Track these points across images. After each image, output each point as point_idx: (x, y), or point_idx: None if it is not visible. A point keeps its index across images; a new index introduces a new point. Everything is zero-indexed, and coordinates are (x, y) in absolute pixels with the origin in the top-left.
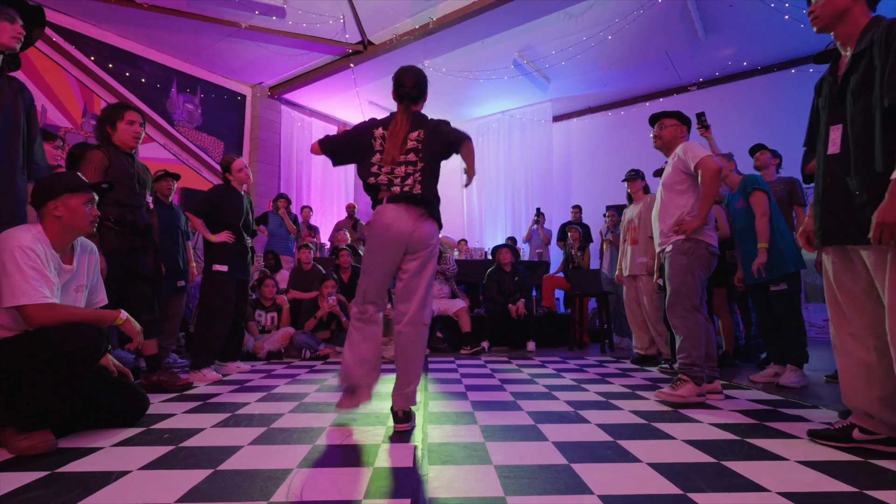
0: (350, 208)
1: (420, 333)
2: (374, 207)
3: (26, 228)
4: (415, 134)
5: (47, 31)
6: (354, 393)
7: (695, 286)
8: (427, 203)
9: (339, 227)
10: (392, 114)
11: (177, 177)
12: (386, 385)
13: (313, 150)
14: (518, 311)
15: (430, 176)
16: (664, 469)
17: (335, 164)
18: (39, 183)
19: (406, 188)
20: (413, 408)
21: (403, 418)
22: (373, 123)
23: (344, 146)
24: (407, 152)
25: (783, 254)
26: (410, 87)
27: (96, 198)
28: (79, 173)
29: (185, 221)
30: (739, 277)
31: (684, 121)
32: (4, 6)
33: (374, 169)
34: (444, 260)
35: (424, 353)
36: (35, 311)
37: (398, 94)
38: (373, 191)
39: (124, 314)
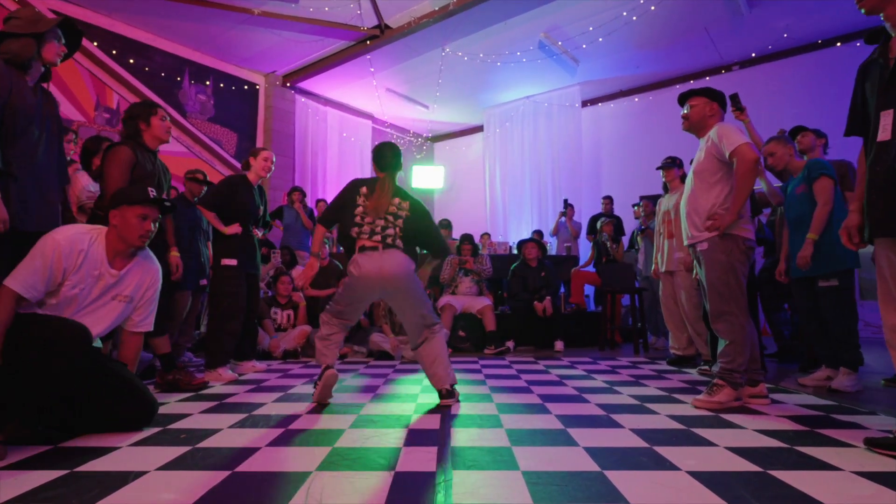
0: None
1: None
2: (348, 256)
3: (90, 228)
4: (396, 200)
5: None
6: None
7: (738, 286)
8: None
9: None
10: (375, 178)
11: (209, 184)
12: (403, 386)
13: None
14: (545, 308)
15: (408, 240)
16: (705, 478)
17: (330, 227)
18: (114, 191)
19: (388, 239)
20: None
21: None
22: (357, 182)
23: (336, 208)
24: (388, 213)
25: (837, 247)
26: (390, 157)
27: (158, 215)
28: (107, 172)
29: (206, 221)
30: (781, 271)
31: (714, 97)
32: (55, 27)
33: (358, 220)
34: (480, 260)
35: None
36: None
37: (381, 165)
38: (350, 241)
39: None
